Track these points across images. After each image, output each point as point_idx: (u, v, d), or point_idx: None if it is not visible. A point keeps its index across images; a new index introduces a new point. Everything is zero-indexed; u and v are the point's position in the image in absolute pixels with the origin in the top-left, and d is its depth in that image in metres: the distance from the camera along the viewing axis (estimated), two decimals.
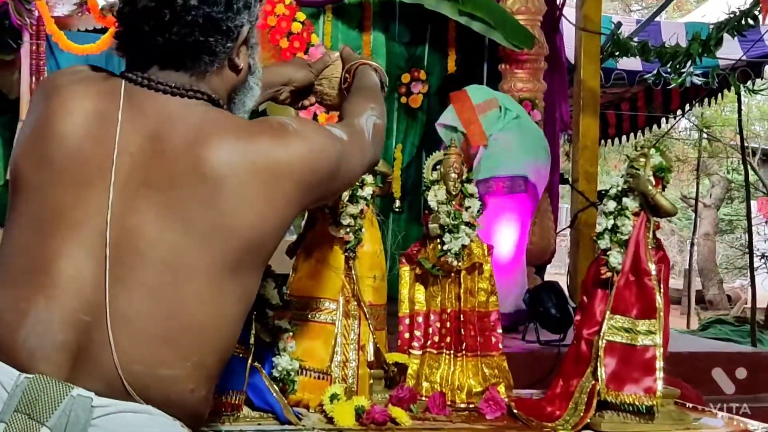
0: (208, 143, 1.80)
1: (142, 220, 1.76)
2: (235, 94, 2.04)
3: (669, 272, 2.82)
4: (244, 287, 1.86)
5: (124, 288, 1.74)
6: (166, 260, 1.76)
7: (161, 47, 1.86)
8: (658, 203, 2.74)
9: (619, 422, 2.68)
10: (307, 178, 1.89)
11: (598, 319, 2.77)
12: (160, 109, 1.84)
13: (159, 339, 1.74)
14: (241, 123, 1.90)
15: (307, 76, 2.55)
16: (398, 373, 2.86)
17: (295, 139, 1.89)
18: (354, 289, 2.81)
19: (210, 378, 1.84)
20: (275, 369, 2.59)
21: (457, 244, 2.89)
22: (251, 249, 1.83)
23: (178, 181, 1.78)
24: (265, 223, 1.83)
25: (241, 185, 1.79)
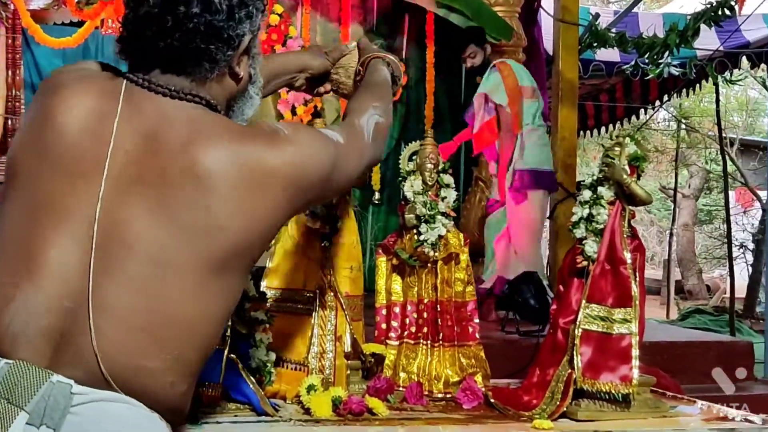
0: (202, 145, 1.83)
1: (132, 214, 1.79)
2: (235, 102, 2.07)
3: (644, 261, 2.83)
4: (229, 287, 1.89)
5: (110, 278, 1.76)
6: (153, 254, 1.78)
7: (163, 52, 1.90)
8: (633, 192, 2.75)
9: (596, 410, 2.68)
10: (298, 182, 1.92)
11: (574, 308, 2.78)
12: (157, 109, 1.88)
13: (141, 330, 1.76)
14: (235, 127, 1.93)
15: (323, 64, 2.59)
16: (375, 364, 2.86)
17: (287, 144, 1.92)
18: (331, 280, 2.80)
19: (190, 373, 1.85)
20: (252, 361, 2.58)
21: (433, 235, 2.89)
22: (238, 251, 1.86)
23: (170, 179, 1.81)
24: (254, 225, 1.86)
25: (231, 188, 1.82)
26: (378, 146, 2.25)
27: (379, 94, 2.36)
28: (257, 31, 2.04)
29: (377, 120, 2.23)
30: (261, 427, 2.43)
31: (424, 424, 2.56)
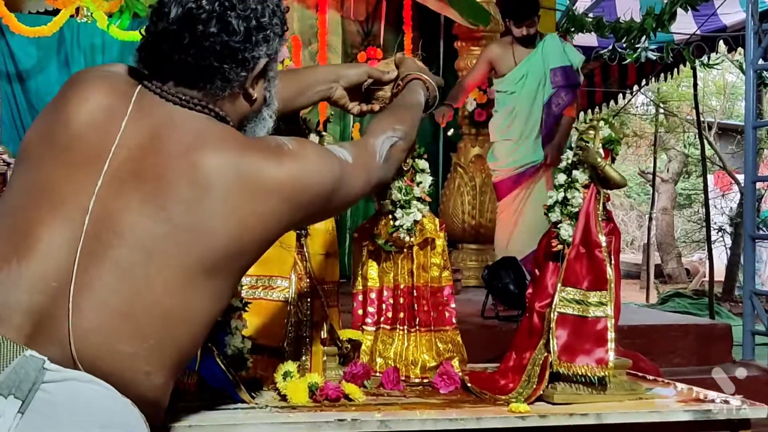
0: (204, 150, 1.87)
1: (126, 206, 1.83)
2: (247, 122, 2.10)
3: (620, 244, 2.84)
4: (217, 290, 1.91)
5: (96, 261, 1.79)
6: (141, 243, 1.81)
7: (177, 66, 1.95)
8: (607, 175, 2.75)
9: (572, 393, 2.69)
10: (297, 198, 1.96)
11: (549, 291, 2.79)
12: (166, 115, 1.93)
13: (120, 314, 1.79)
14: (239, 137, 1.96)
15: (359, 74, 2.62)
16: (352, 350, 2.87)
17: (289, 158, 1.96)
18: (306, 267, 2.80)
19: (168, 367, 1.87)
20: (228, 348, 2.57)
21: (409, 220, 2.89)
22: (229, 256, 1.88)
23: (167, 177, 1.85)
24: (246, 233, 1.89)
25: (227, 194, 1.86)
26: (389, 168, 2.31)
27: (404, 116, 2.42)
28: (275, 54, 2.07)
29: (394, 142, 2.29)
30: (237, 414, 2.42)
31: (401, 409, 2.56)
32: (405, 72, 2.60)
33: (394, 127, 2.32)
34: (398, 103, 2.51)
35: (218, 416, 2.39)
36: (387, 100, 2.61)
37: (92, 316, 1.77)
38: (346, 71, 2.63)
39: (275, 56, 2.09)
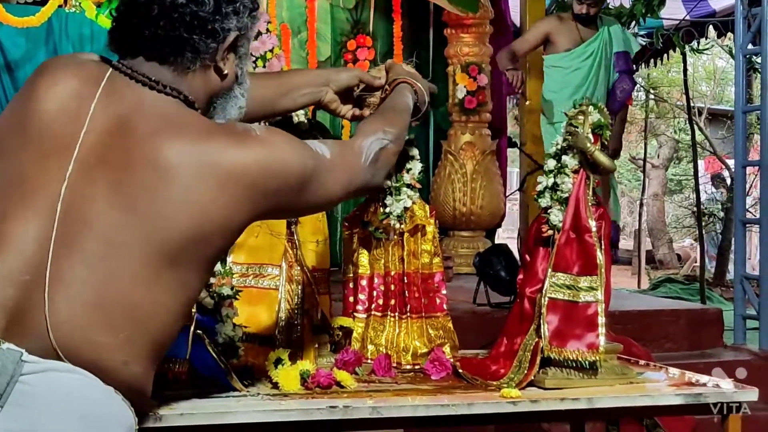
0: (168, 136, 1.87)
1: (94, 193, 1.82)
2: (217, 99, 2.08)
3: (610, 229, 2.84)
4: (183, 280, 1.89)
5: (68, 252, 1.79)
6: (107, 234, 1.81)
7: (147, 40, 1.94)
8: (597, 160, 2.75)
9: (563, 378, 2.70)
10: (262, 184, 1.92)
11: (540, 277, 2.79)
12: (135, 98, 1.92)
13: (93, 305, 1.78)
14: (205, 124, 1.95)
15: (350, 78, 2.59)
16: (343, 337, 2.87)
17: (256, 143, 1.94)
18: (297, 254, 2.80)
19: (145, 356, 1.87)
20: (219, 336, 2.57)
21: (399, 207, 2.89)
22: (192, 244, 1.86)
23: (132, 164, 1.84)
24: (208, 221, 1.87)
25: (190, 181, 1.85)
26: (377, 171, 2.24)
27: (395, 119, 2.37)
28: (246, 30, 2.07)
29: (384, 145, 2.24)
30: (229, 402, 2.42)
31: (393, 395, 2.57)
32: (393, 76, 2.57)
33: (385, 130, 2.28)
34: (387, 106, 2.47)
35: (210, 404, 2.39)
36: (377, 106, 2.58)
37: (65, 308, 1.77)
38: (337, 75, 2.60)
39: (247, 33, 2.08)
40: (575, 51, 6.56)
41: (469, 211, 7.49)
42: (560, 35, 6.64)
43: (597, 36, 6.50)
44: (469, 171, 7.48)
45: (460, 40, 7.57)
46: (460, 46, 7.55)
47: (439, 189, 7.55)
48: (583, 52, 6.53)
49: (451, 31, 7.63)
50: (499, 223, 7.99)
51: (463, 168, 7.49)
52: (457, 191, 7.46)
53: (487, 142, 7.56)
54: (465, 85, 7.49)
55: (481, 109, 7.51)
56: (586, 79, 6.51)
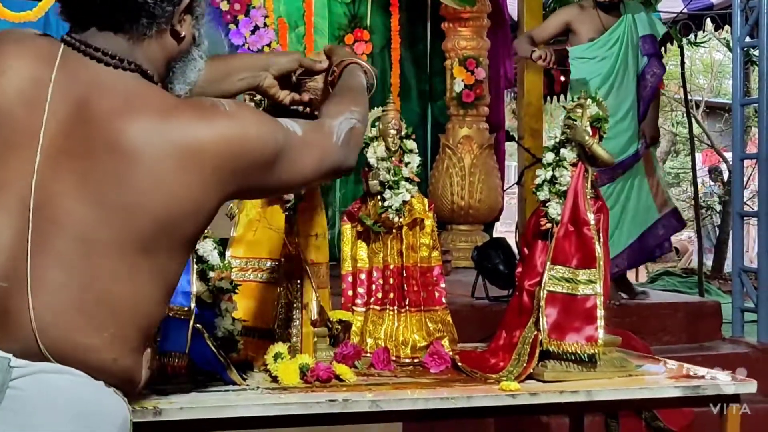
0: (129, 116, 1.77)
1: (61, 189, 1.74)
2: (176, 64, 1.99)
3: (608, 221, 2.84)
4: (161, 268, 1.82)
5: (42, 255, 1.72)
6: (80, 232, 1.74)
7: (100, 8, 1.84)
8: (595, 153, 2.75)
9: (562, 371, 2.70)
10: (232, 162, 1.83)
11: (538, 270, 2.79)
12: (91, 77, 1.82)
13: (74, 308, 1.73)
14: (167, 99, 1.85)
15: (289, 62, 2.48)
16: (342, 331, 2.87)
17: (224, 118, 1.84)
18: (296, 248, 2.80)
19: (133, 349, 1.82)
20: (218, 330, 2.58)
21: (397, 200, 2.89)
22: (165, 230, 1.79)
23: (95, 152, 1.75)
24: (177, 204, 1.78)
25: (155, 163, 1.75)
26: (350, 151, 2.11)
27: (358, 99, 2.27)
28: None
29: (353, 125, 2.12)
30: (228, 396, 2.42)
31: (392, 389, 2.57)
32: (339, 59, 2.46)
33: (351, 110, 2.16)
34: (345, 87, 2.34)
35: (209, 398, 2.39)
36: (318, 91, 2.50)
37: (47, 313, 1.71)
38: (277, 59, 2.50)
39: None
40: (600, 40, 6.33)
41: (467, 205, 7.49)
42: (582, 24, 6.40)
43: (621, 21, 6.28)
44: (467, 165, 7.48)
45: (457, 33, 7.57)
46: (457, 40, 7.55)
47: (437, 183, 7.55)
48: (608, 39, 6.30)
49: (448, 24, 7.63)
50: (497, 216, 7.99)
51: (461, 162, 7.49)
52: (455, 185, 7.46)
53: (485, 135, 7.57)
54: (462, 79, 7.49)
55: (478, 103, 7.52)
56: (614, 68, 6.28)
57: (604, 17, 6.33)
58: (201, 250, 2.57)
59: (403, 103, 7.41)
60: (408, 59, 7.90)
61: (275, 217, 2.77)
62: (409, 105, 7.64)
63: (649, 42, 6.29)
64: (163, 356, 2.47)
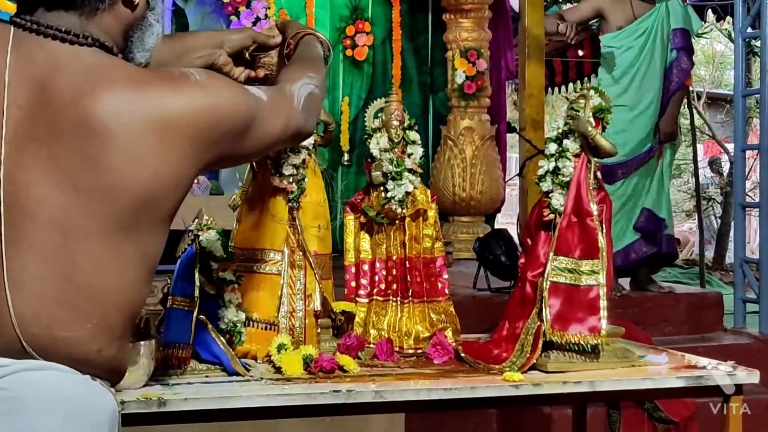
0: (96, 94, 1.71)
1: (31, 178, 1.68)
2: (133, 32, 1.91)
3: (611, 212, 2.84)
4: (144, 247, 1.78)
5: (16, 251, 1.68)
6: (55, 221, 1.68)
7: None
8: (598, 144, 2.75)
9: (565, 362, 2.70)
10: (207, 132, 1.79)
11: (541, 261, 2.79)
12: (48, 57, 1.74)
13: (54, 302, 1.69)
14: (133, 71, 1.79)
15: (242, 39, 2.44)
16: (345, 322, 2.87)
17: (195, 89, 1.80)
18: (299, 239, 2.80)
19: (117, 337, 1.78)
20: (221, 321, 2.59)
21: (400, 192, 2.89)
22: (145, 208, 1.74)
23: (63, 134, 1.69)
24: (157, 180, 1.74)
25: (130, 140, 1.70)
26: (309, 115, 2.09)
27: (314, 66, 2.23)
28: None
29: (312, 90, 2.10)
30: (232, 387, 2.43)
31: (395, 379, 2.58)
32: (293, 31, 2.43)
33: (309, 75, 2.13)
34: (303, 56, 2.31)
35: (213, 389, 2.40)
36: (273, 66, 2.46)
37: (26, 309, 1.67)
38: (230, 36, 2.44)
39: None
40: (627, 29, 6.15)
41: (469, 197, 7.48)
42: (613, 12, 6.23)
43: (652, 12, 6.09)
44: (468, 156, 7.47)
45: (459, 25, 7.56)
46: (459, 31, 7.53)
47: (438, 174, 7.54)
48: (636, 29, 6.12)
49: (450, 16, 7.61)
50: (499, 208, 7.98)
51: (462, 153, 7.48)
52: (456, 176, 7.45)
53: (487, 127, 7.56)
54: (464, 70, 7.47)
55: (480, 94, 7.50)
56: (638, 59, 6.10)
57: (637, 6, 6.14)
58: (204, 241, 2.58)
59: (405, 95, 7.40)
60: (409, 51, 7.89)
61: (278, 208, 2.77)
62: (410, 97, 7.63)
63: (680, 35, 6.08)
64: (166, 347, 2.48)
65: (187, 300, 2.51)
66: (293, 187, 2.77)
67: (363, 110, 7.62)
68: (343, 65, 7.63)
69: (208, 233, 2.57)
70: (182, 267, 2.56)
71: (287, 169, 2.75)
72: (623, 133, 5.94)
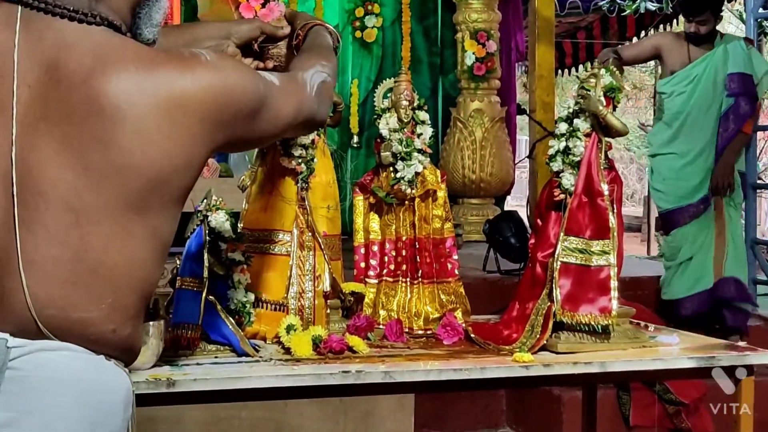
0: (106, 73, 1.69)
1: (43, 158, 1.66)
2: (141, 9, 1.89)
3: (622, 192, 2.83)
4: (155, 228, 1.76)
5: (29, 231, 1.67)
6: (67, 201, 1.67)
7: None
8: (609, 123, 2.73)
9: (576, 342, 2.69)
10: (217, 113, 1.78)
11: (552, 241, 2.78)
12: (57, 36, 1.72)
13: (68, 283, 1.68)
14: (143, 51, 1.77)
15: (251, 30, 2.43)
16: (355, 303, 2.87)
17: (207, 70, 1.78)
18: (308, 220, 2.79)
19: (131, 317, 1.77)
20: (230, 302, 2.58)
21: (410, 172, 2.88)
22: (156, 188, 1.72)
23: (74, 115, 1.67)
24: (169, 160, 1.72)
25: (141, 119, 1.69)
26: (322, 103, 2.08)
27: (326, 55, 2.23)
28: None
29: (324, 78, 2.09)
30: (241, 368, 2.42)
31: (405, 360, 2.57)
32: (302, 22, 2.42)
33: (322, 63, 2.13)
34: (315, 44, 2.31)
35: (222, 370, 2.39)
36: (282, 57, 2.45)
37: (40, 290, 1.65)
38: (238, 27, 2.43)
39: None
40: (679, 74, 5.88)
41: (479, 179, 7.48)
42: (670, 54, 5.96)
43: (706, 56, 5.81)
44: (478, 138, 7.47)
45: (468, 6, 7.54)
46: (468, 12, 7.51)
47: (448, 157, 7.53)
48: (687, 75, 5.85)
49: None
50: (509, 190, 7.98)
51: (472, 135, 7.47)
52: (466, 159, 7.45)
53: (496, 109, 7.54)
54: (474, 52, 7.46)
55: (489, 76, 7.48)
56: (687, 105, 5.83)
57: (693, 50, 5.88)
58: (213, 221, 2.57)
59: (414, 77, 7.34)
60: (419, 32, 7.88)
61: (288, 189, 2.76)
62: (419, 78, 7.61)
63: (737, 80, 5.77)
64: (176, 328, 2.48)
65: (196, 281, 2.50)
66: (302, 168, 2.76)
67: (372, 92, 7.60)
68: (352, 47, 7.62)
69: (217, 214, 2.56)
70: (191, 248, 2.55)
71: (296, 149, 2.74)
72: (675, 182, 5.86)
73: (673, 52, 5.92)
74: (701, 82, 5.79)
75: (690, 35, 5.82)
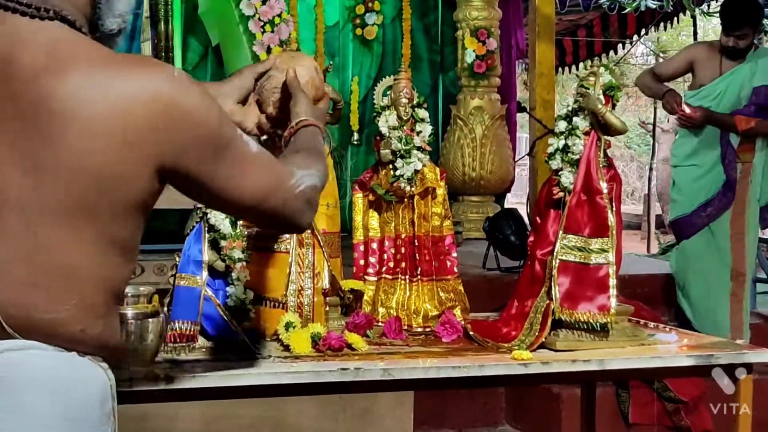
0: (58, 73, 1.64)
1: None
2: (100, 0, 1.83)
3: (621, 190, 2.83)
4: (111, 234, 1.69)
5: None
6: (18, 203, 1.62)
7: None
8: (608, 121, 2.74)
9: (574, 340, 2.70)
10: (167, 128, 1.67)
11: (551, 239, 2.78)
12: (12, 31, 1.67)
13: (27, 284, 1.64)
14: (95, 51, 1.71)
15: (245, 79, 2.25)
16: (354, 300, 2.87)
17: (167, 81, 1.69)
18: None
19: (101, 315, 1.71)
20: (229, 299, 2.58)
21: (409, 169, 2.88)
22: (104, 193, 1.65)
23: (24, 113, 1.63)
24: (116, 166, 1.64)
25: (89, 120, 1.62)
26: (307, 209, 1.91)
27: (320, 161, 2.03)
28: None
29: (315, 183, 1.92)
30: (240, 365, 2.42)
31: (404, 357, 2.57)
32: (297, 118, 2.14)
33: (318, 169, 1.96)
34: (310, 145, 2.09)
35: (221, 367, 2.39)
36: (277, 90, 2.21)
37: (4, 295, 1.61)
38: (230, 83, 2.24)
39: None
40: (704, 90, 5.77)
41: (479, 176, 7.47)
42: (702, 67, 5.84)
43: (732, 72, 5.69)
44: (478, 136, 7.46)
45: (469, 3, 7.53)
46: (469, 10, 7.50)
47: (448, 154, 7.52)
48: (712, 91, 5.74)
49: None
50: (509, 188, 7.97)
51: (472, 133, 7.46)
52: (466, 156, 7.44)
53: (497, 106, 7.53)
54: (474, 50, 7.45)
55: (490, 74, 7.48)
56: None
57: (725, 63, 5.75)
58: (213, 219, 2.57)
59: (414, 74, 7.37)
60: (419, 30, 7.87)
61: None
62: (420, 76, 7.61)
63: (763, 94, 5.62)
64: (175, 324, 2.48)
65: (195, 278, 2.50)
66: None
67: (372, 89, 7.55)
68: (352, 45, 7.61)
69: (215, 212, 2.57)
70: (190, 245, 2.55)
71: None
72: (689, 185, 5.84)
73: (706, 66, 5.82)
74: (725, 97, 5.70)
75: (726, 49, 5.68)
